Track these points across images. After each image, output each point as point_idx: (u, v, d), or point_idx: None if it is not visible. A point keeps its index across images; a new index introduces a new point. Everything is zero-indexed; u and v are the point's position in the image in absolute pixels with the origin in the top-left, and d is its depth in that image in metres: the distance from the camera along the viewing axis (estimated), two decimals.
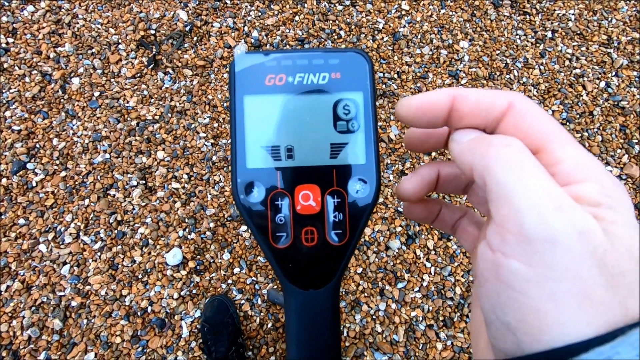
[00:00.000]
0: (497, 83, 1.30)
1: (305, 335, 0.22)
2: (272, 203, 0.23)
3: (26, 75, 1.19)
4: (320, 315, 0.23)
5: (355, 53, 0.23)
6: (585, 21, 1.38)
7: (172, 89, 1.22)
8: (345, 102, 0.23)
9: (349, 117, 0.23)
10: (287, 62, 0.23)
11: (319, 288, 0.23)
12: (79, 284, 1.04)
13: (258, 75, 0.23)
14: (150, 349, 1.00)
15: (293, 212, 0.23)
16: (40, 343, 0.99)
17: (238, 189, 0.23)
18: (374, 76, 0.23)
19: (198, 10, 1.31)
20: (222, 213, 1.12)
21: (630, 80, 1.31)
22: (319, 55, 0.23)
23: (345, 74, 0.23)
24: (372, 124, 0.23)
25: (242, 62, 0.23)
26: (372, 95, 0.23)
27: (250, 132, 0.23)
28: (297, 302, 0.23)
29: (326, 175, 0.23)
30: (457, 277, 1.11)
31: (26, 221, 1.07)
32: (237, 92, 0.23)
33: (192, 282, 1.06)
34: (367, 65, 0.23)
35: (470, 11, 1.38)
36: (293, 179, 0.23)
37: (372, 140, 0.23)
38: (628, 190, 1.19)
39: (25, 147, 1.13)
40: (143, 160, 1.15)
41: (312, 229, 0.23)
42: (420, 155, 1.21)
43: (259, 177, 0.23)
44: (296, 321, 0.23)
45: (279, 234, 0.23)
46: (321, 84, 0.23)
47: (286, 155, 0.23)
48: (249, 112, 0.23)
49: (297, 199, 0.23)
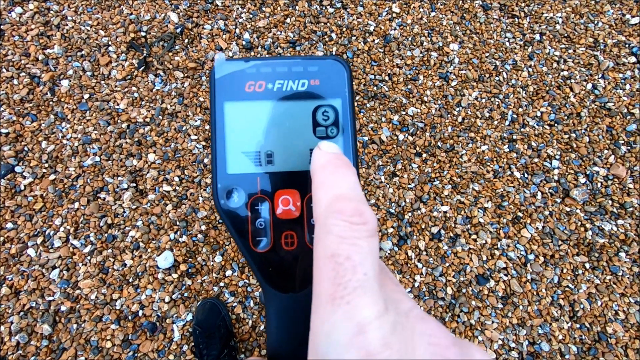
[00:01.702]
0: (487, 85, 1.31)
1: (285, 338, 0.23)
2: (252, 208, 0.23)
3: (14, 78, 1.18)
4: (301, 318, 0.23)
5: (333, 60, 0.24)
6: (572, 24, 1.41)
7: (163, 91, 1.22)
8: (324, 108, 0.23)
9: (328, 123, 0.23)
10: (266, 70, 0.23)
11: (299, 291, 0.23)
12: (68, 289, 1.03)
13: (238, 82, 0.23)
14: (141, 353, 1.00)
15: (273, 217, 0.23)
16: (29, 349, 0.98)
17: (219, 194, 0.23)
18: (352, 83, 0.24)
19: (189, 13, 1.30)
20: (214, 215, 1.12)
21: (616, 82, 1.33)
22: (298, 63, 0.23)
23: (324, 81, 0.23)
24: (350, 129, 0.23)
25: (222, 69, 0.23)
26: (351, 101, 0.24)
27: (230, 138, 0.23)
28: (277, 306, 0.23)
29: (306, 180, 0.23)
30: (449, 277, 1.12)
31: (14, 225, 1.06)
32: (218, 98, 0.23)
33: (183, 285, 1.06)
34: (345, 72, 0.24)
35: (460, 14, 1.40)
36: (273, 184, 0.23)
37: (351, 145, 0.23)
38: (615, 190, 1.21)
39: (13, 150, 1.11)
40: (134, 163, 1.14)
41: (292, 233, 0.23)
42: (411, 157, 1.22)
43: (239, 183, 0.23)
44: (276, 324, 0.23)
45: (259, 238, 0.23)
46: (300, 91, 0.23)
47: (266, 161, 0.23)
48: (230, 119, 0.23)
49: (277, 203, 0.23)
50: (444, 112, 1.27)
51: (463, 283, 1.11)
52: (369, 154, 1.21)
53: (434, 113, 1.27)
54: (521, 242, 1.15)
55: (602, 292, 1.12)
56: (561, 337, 1.08)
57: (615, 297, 1.11)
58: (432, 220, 1.16)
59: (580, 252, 1.16)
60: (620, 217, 1.18)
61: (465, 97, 1.29)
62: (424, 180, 1.20)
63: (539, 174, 1.22)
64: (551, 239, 1.16)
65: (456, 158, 1.23)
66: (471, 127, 1.26)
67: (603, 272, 1.14)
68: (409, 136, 1.24)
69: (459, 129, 1.26)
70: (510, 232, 1.16)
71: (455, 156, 1.23)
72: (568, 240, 1.16)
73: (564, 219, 1.18)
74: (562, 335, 1.08)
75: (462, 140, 1.25)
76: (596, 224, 1.18)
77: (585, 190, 1.20)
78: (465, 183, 1.20)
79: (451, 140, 1.25)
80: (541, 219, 1.18)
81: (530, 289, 1.12)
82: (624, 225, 1.17)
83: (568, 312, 1.10)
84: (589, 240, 1.16)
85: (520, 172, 1.23)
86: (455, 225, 1.16)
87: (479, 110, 1.28)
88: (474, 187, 1.20)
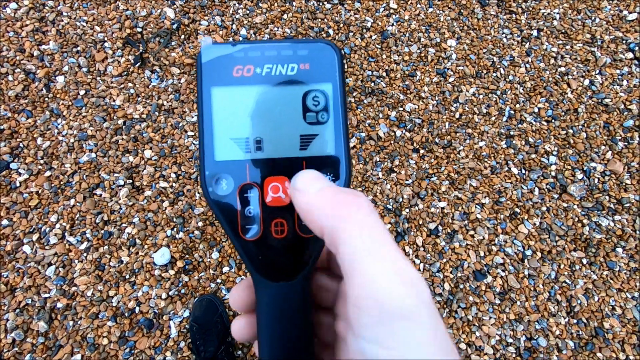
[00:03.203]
0: (484, 81, 1.31)
1: (276, 326, 0.22)
2: (241, 195, 0.23)
3: (9, 74, 1.17)
4: (291, 307, 0.23)
5: (324, 44, 0.23)
6: (570, 20, 1.40)
7: (159, 87, 1.21)
8: (314, 93, 0.23)
9: (319, 109, 0.23)
10: (255, 53, 0.23)
11: (290, 280, 0.23)
12: (64, 285, 1.02)
13: (225, 67, 0.22)
14: (138, 350, 0.99)
15: (262, 205, 0.23)
16: (24, 346, 0.97)
17: (207, 182, 0.22)
18: (343, 67, 0.23)
19: (185, 8, 1.30)
20: (211, 212, 1.11)
21: (614, 78, 1.33)
22: (287, 46, 0.23)
23: (315, 65, 0.23)
24: (341, 115, 0.23)
25: (209, 54, 0.22)
26: (342, 86, 0.23)
27: (218, 124, 0.22)
28: (267, 295, 0.23)
29: (296, 167, 0.23)
30: (446, 272, 1.12)
31: (10, 222, 1.05)
32: (204, 83, 0.22)
33: (180, 281, 1.06)
34: (336, 56, 0.23)
35: (458, 10, 1.39)
36: (262, 171, 0.23)
37: (342, 131, 0.23)
38: (612, 186, 1.21)
39: (8, 146, 1.11)
40: (130, 160, 1.14)
41: (282, 221, 0.23)
42: (409, 154, 1.22)
43: (227, 170, 0.22)
44: (266, 313, 0.23)
45: (248, 227, 0.23)
46: (290, 75, 0.23)
47: (255, 147, 0.23)
48: (217, 104, 0.22)
49: (266, 191, 0.23)
50: (441, 108, 1.27)
51: (460, 279, 1.11)
52: (367, 150, 1.21)
53: (432, 109, 1.27)
54: (519, 238, 1.15)
55: (599, 287, 1.12)
56: (558, 333, 1.08)
57: (612, 292, 1.11)
58: (429, 217, 1.16)
59: (578, 247, 1.16)
60: (617, 213, 1.18)
61: (462, 93, 1.29)
62: (422, 177, 1.20)
63: (536, 170, 1.22)
64: (548, 235, 1.16)
65: (454, 154, 1.23)
66: (469, 123, 1.26)
67: (600, 268, 1.14)
68: (406, 132, 1.24)
69: (457, 125, 1.26)
70: (507, 228, 1.16)
71: (452, 152, 1.23)
72: (565, 236, 1.16)
73: (562, 214, 1.18)
74: (560, 330, 1.08)
75: (459, 137, 1.25)
76: (593, 220, 1.18)
77: (583, 186, 1.20)
78: (462, 179, 1.20)
79: (449, 136, 1.24)
80: (538, 214, 1.18)
81: (528, 285, 1.12)
82: (621, 220, 1.18)
83: (565, 307, 1.10)
84: (586, 236, 1.16)
85: (517, 168, 1.23)
86: (453, 221, 1.16)
87: (477, 107, 1.28)
88: (472, 183, 1.20)
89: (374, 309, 0.15)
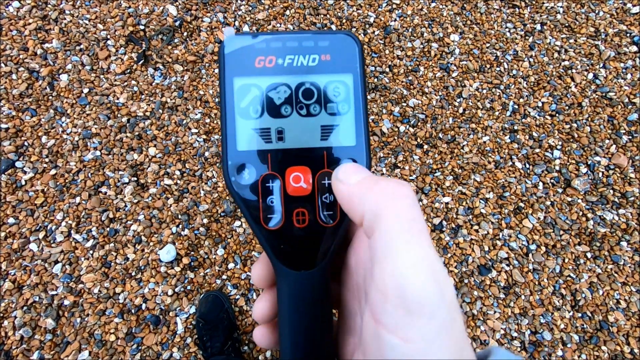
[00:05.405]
0: (488, 76, 1.31)
1: (298, 314, 0.23)
2: (263, 185, 0.23)
3: (13, 73, 1.17)
4: (313, 295, 0.23)
5: (345, 35, 0.23)
6: (573, 14, 1.40)
7: (162, 84, 1.21)
8: (335, 84, 0.23)
9: (339, 99, 0.23)
10: (276, 44, 0.23)
11: (311, 269, 0.23)
12: (71, 283, 1.03)
13: (248, 57, 0.23)
14: (145, 346, 1.00)
15: (284, 194, 0.23)
16: (33, 343, 0.98)
17: (229, 171, 0.23)
18: (364, 58, 0.23)
19: (188, 5, 1.29)
20: (216, 209, 1.12)
21: (618, 71, 1.33)
22: (308, 37, 0.23)
23: (335, 56, 0.23)
24: (362, 105, 0.23)
25: (231, 44, 0.23)
26: (362, 77, 0.23)
27: (240, 115, 0.23)
28: (289, 283, 0.23)
29: (317, 157, 0.23)
30: (451, 267, 1.12)
31: (16, 220, 1.06)
32: (227, 74, 0.23)
33: (186, 278, 1.06)
34: (356, 47, 0.23)
35: (461, 4, 1.39)
36: (284, 161, 0.23)
37: (362, 121, 0.23)
38: (616, 180, 1.21)
39: (13, 145, 1.11)
40: (134, 157, 1.14)
41: (304, 210, 0.23)
42: (413, 149, 1.22)
43: (249, 160, 0.23)
44: (288, 301, 0.23)
45: (270, 216, 0.23)
46: (311, 66, 0.23)
47: (277, 138, 0.23)
48: (239, 95, 0.23)
49: (288, 180, 0.23)
50: (445, 103, 1.27)
51: (465, 273, 1.12)
52: (370, 146, 1.21)
53: (435, 104, 1.27)
54: (523, 233, 1.16)
55: (603, 281, 1.12)
56: (563, 326, 1.08)
57: (616, 286, 1.12)
58: (433, 212, 1.16)
59: (582, 241, 1.16)
60: (621, 207, 1.19)
61: (466, 88, 1.29)
62: (426, 172, 1.20)
63: (540, 164, 1.22)
64: (553, 229, 1.16)
65: (457, 149, 1.23)
66: (472, 118, 1.26)
67: (604, 262, 1.14)
68: (410, 128, 1.24)
69: (460, 120, 1.26)
70: (512, 222, 1.17)
71: (456, 147, 1.23)
72: (570, 230, 1.17)
73: (566, 208, 1.18)
74: (564, 324, 1.09)
75: (463, 132, 1.24)
76: (598, 214, 1.18)
77: (587, 180, 1.20)
78: (466, 174, 1.20)
79: (452, 131, 1.24)
80: (543, 209, 1.18)
81: (532, 279, 1.12)
82: (625, 214, 1.18)
83: (570, 301, 1.11)
84: (591, 229, 1.16)
85: (521, 163, 1.23)
86: (457, 216, 1.16)
87: (480, 101, 1.28)
88: (476, 178, 1.20)
89: (398, 298, 0.15)
